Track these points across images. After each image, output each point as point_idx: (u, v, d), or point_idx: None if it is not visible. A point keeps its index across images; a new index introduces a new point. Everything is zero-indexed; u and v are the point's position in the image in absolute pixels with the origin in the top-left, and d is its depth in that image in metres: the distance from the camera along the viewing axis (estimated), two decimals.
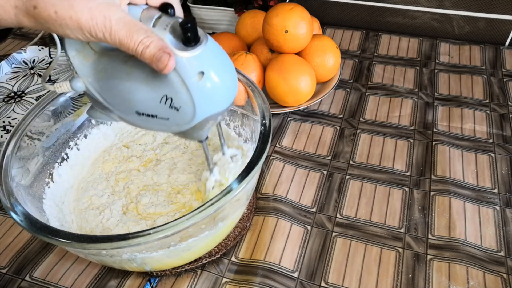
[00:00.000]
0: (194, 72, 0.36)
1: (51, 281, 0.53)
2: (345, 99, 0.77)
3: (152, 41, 0.34)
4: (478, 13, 0.86)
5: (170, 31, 0.36)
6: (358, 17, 0.95)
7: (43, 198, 0.53)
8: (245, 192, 0.48)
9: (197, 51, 0.36)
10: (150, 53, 0.34)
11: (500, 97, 0.76)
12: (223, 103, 0.40)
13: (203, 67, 0.37)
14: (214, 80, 0.37)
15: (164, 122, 0.40)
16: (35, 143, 0.54)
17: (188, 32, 0.35)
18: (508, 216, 0.58)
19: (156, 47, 0.34)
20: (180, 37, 0.36)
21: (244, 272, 0.53)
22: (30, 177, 0.53)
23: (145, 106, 0.39)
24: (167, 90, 0.37)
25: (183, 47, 0.36)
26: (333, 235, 0.57)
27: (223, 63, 0.39)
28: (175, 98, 0.38)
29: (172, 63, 0.35)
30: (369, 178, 0.63)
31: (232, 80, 0.40)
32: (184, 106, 0.38)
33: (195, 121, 0.39)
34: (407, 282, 0.51)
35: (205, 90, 0.37)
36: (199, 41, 0.36)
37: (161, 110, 0.39)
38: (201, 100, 0.38)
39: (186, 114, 0.39)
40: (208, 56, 0.37)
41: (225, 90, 0.39)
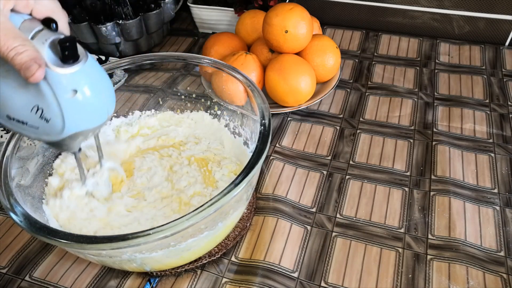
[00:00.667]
0: (67, 88, 0.37)
1: (51, 281, 0.53)
2: (345, 99, 0.77)
3: (27, 50, 0.35)
4: (478, 13, 0.86)
5: (50, 46, 0.36)
6: (358, 17, 0.95)
7: (42, 199, 0.53)
8: (245, 192, 0.48)
9: (73, 69, 0.37)
10: (20, 60, 0.34)
11: (500, 97, 0.76)
12: (94, 121, 0.41)
13: (76, 85, 0.38)
14: (86, 99, 0.39)
15: (34, 130, 0.40)
16: (35, 143, 0.54)
17: (66, 50, 0.36)
18: (508, 216, 0.57)
19: (29, 56, 0.35)
20: (59, 53, 0.36)
21: (244, 272, 0.53)
22: (30, 177, 0.53)
23: (16, 112, 0.40)
24: (39, 101, 0.38)
25: (61, 64, 0.36)
26: (333, 235, 0.57)
27: (98, 84, 0.40)
28: (46, 110, 0.38)
29: (39, 74, 0.35)
30: (369, 178, 0.63)
31: (106, 100, 0.41)
32: (54, 119, 0.39)
33: (64, 135, 0.40)
34: (407, 282, 0.51)
35: (75, 107, 0.39)
36: (77, 60, 0.37)
37: (31, 118, 0.39)
38: (71, 115, 0.39)
39: (55, 127, 0.39)
40: (83, 75, 0.38)
41: (96, 109, 0.40)
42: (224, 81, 0.62)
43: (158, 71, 0.69)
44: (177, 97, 0.67)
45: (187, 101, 0.67)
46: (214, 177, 0.58)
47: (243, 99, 0.57)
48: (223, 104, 0.64)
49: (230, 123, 0.63)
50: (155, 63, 0.62)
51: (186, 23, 1.01)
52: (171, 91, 0.68)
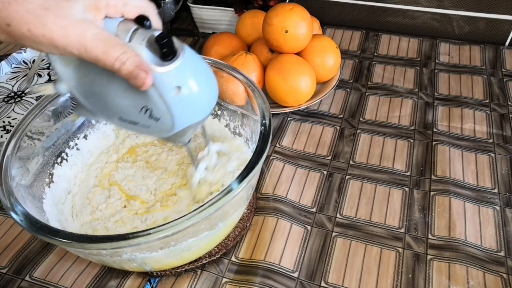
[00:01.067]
0: (170, 86, 0.37)
1: (51, 281, 0.53)
2: (345, 99, 0.77)
3: (129, 58, 0.34)
4: (478, 13, 0.86)
5: (147, 45, 0.36)
6: (358, 17, 0.95)
7: (43, 198, 0.53)
8: (245, 192, 0.48)
9: (173, 66, 0.36)
10: (127, 70, 0.34)
11: (500, 97, 0.76)
12: (201, 114, 0.41)
13: (179, 81, 0.37)
14: (190, 93, 0.38)
15: (146, 129, 0.41)
16: (35, 143, 0.54)
17: (164, 47, 0.35)
18: (508, 216, 0.58)
19: (133, 64, 0.34)
20: (157, 51, 0.36)
21: (244, 272, 0.53)
22: (30, 177, 0.53)
23: (127, 114, 0.40)
24: (146, 102, 0.38)
25: (160, 62, 0.36)
26: (333, 235, 0.57)
27: (200, 75, 0.39)
28: (154, 109, 0.39)
29: (149, 81, 0.35)
30: (369, 178, 0.63)
31: (210, 90, 0.41)
32: (163, 117, 0.39)
33: (175, 130, 0.40)
34: (407, 282, 0.51)
35: (182, 103, 0.38)
36: (175, 55, 0.36)
37: (141, 118, 0.40)
38: (179, 112, 0.39)
39: (165, 124, 0.40)
40: (184, 70, 0.37)
41: (202, 101, 0.40)
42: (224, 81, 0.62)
43: None
44: None
45: None
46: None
47: (244, 99, 0.57)
48: (223, 104, 0.64)
49: (231, 123, 0.63)
50: None
51: (186, 23, 1.01)
52: None
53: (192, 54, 0.38)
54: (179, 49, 0.37)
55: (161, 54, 0.36)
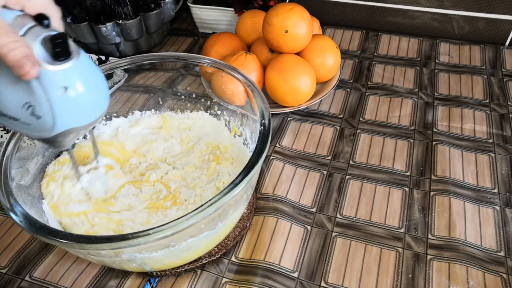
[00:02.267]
0: (57, 86, 0.37)
1: (51, 281, 0.53)
2: (345, 99, 0.77)
3: (19, 47, 0.34)
4: (478, 13, 0.86)
5: (42, 42, 0.36)
6: (358, 17, 0.95)
7: (42, 199, 0.53)
8: (244, 192, 0.48)
9: (64, 66, 0.36)
10: (14, 57, 0.34)
11: (500, 97, 0.76)
12: (86, 119, 0.41)
13: (66, 82, 0.37)
14: (77, 96, 0.38)
15: (26, 127, 0.40)
16: (34, 143, 0.54)
17: (58, 47, 0.36)
18: (508, 216, 0.57)
19: (21, 53, 0.34)
20: (50, 50, 0.36)
21: (244, 272, 0.53)
22: (30, 178, 0.53)
23: (7, 108, 0.40)
24: (30, 98, 0.38)
25: (52, 60, 0.36)
26: (333, 235, 0.57)
27: (90, 81, 0.40)
28: (37, 107, 0.38)
29: (33, 72, 0.35)
30: (369, 178, 0.63)
31: (98, 98, 0.41)
32: (45, 116, 0.39)
33: (55, 132, 0.40)
34: (407, 282, 0.51)
35: (66, 104, 0.38)
36: (69, 57, 0.37)
37: (23, 115, 0.39)
38: (62, 113, 0.39)
39: (46, 124, 0.39)
40: (74, 72, 0.38)
41: (88, 107, 0.40)
42: (224, 81, 0.62)
43: (158, 71, 0.69)
44: (177, 97, 0.67)
45: (187, 101, 0.67)
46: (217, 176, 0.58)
47: (243, 99, 0.57)
48: (223, 104, 0.64)
49: (230, 123, 0.63)
50: (155, 63, 0.62)
51: (186, 23, 1.01)
52: (171, 91, 0.68)
53: (87, 60, 0.39)
54: (74, 52, 0.37)
55: (54, 53, 0.36)
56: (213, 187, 0.56)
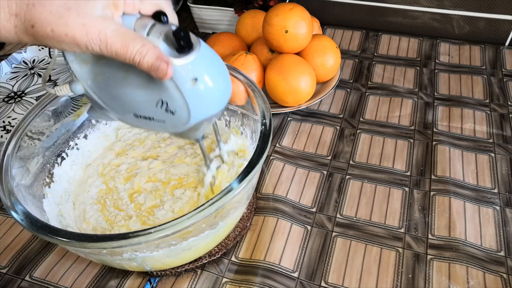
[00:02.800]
0: (187, 78, 0.37)
1: (51, 281, 0.53)
2: (345, 99, 0.77)
3: (149, 50, 0.35)
4: (478, 13, 0.86)
5: (164, 39, 0.37)
6: (358, 17, 0.95)
7: (43, 198, 0.53)
8: (245, 192, 0.48)
9: (190, 58, 0.37)
10: (148, 62, 0.35)
11: (500, 97, 0.76)
12: (217, 106, 0.41)
13: (196, 73, 0.38)
14: (207, 85, 0.39)
15: (161, 124, 0.41)
16: (35, 143, 0.54)
17: (181, 40, 0.36)
18: (508, 216, 0.58)
19: (153, 56, 0.35)
20: (174, 44, 0.37)
21: (244, 272, 0.53)
22: (31, 177, 0.53)
23: (142, 109, 0.41)
24: (162, 95, 0.39)
25: (177, 54, 0.37)
26: (333, 235, 0.57)
27: (216, 68, 0.40)
28: (170, 102, 0.39)
29: (170, 71, 0.36)
30: (369, 178, 0.63)
31: (225, 83, 0.41)
32: (179, 110, 0.39)
33: (190, 124, 0.40)
34: (407, 282, 0.51)
35: (198, 95, 0.39)
36: (192, 48, 0.37)
37: (157, 113, 0.40)
38: (195, 104, 0.39)
39: (181, 117, 0.40)
40: (201, 62, 0.38)
41: (218, 94, 0.40)
42: None
43: None
44: None
45: None
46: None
47: (244, 99, 0.57)
48: None
49: (231, 122, 0.63)
50: None
51: (186, 23, 1.01)
52: None
53: (207, 48, 0.39)
54: (195, 43, 0.37)
55: (178, 47, 0.36)
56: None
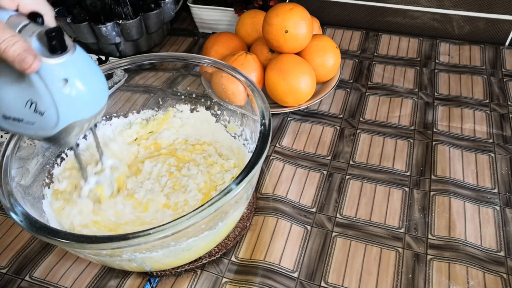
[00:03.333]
0: (57, 78, 0.38)
1: (51, 281, 0.53)
2: (345, 99, 0.77)
3: (18, 41, 0.35)
4: (478, 13, 0.86)
5: (37, 37, 0.37)
6: (358, 17, 0.95)
7: (42, 199, 0.53)
8: (245, 192, 0.48)
9: (62, 59, 0.37)
10: (14, 52, 0.35)
11: (500, 97, 0.76)
12: (88, 111, 0.41)
13: (67, 74, 0.38)
14: (78, 87, 0.39)
15: (30, 126, 0.40)
16: (35, 143, 0.54)
17: (53, 40, 0.36)
18: (508, 216, 0.58)
19: (21, 48, 0.35)
20: (46, 44, 0.37)
21: (244, 272, 0.53)
22: (30, 177, 0.53)
23: (11, 110, 0.40)
24: (32, 95, 0.38)
25: (49, 54, 0.37)
26: (333, 235, 0.57)
27: (89, 72, 0.40)
28: (39, 102, 0.39)
29: (36, 64, 0.36)
30: (369, 178, 0.63)
31: (99, 89, 0.41)
32: (48, 111, 0.39)
33: (60, 127, 0.40)
34: (407, 282, 0.51)
35: (68, 96, 0.39)
36: (65, 50, 0.37)
37: (26, 114, 0.40)
38: (65, 106, 0.39)
39: (50, 119, 0.39)
40: (73, 64, 0.38)
41: (89, 98, 0.40)
42: (224, 81, 0.62)
43: (158, 71, 0.69)
44: (177, 97, 0.67)
45: (187, 101, 0.67)
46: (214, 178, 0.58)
47: (243, 99, 0.57)
48: (223, 104, 0.64)
49: (230, 123, 0.63)
50: (155, 63, 0.62)
51: (186, 23, 1.01)
52: (171, 91, 0.68)
53: (82, 52, 0.40)
54: (70, 45, 0.38)
55: (50, 47, 0.37)
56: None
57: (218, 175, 0.59)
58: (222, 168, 0.60)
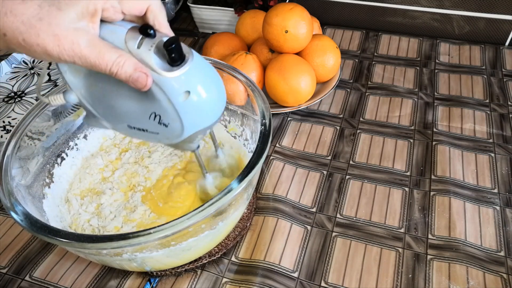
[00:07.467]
0: (180, 92, 0.37)
1: (51, 281, 0.53)
2: (345, 99, 0.77)
3: (126, 61, 0.35)
4: (478, 13, 0.86)
5: (155, 51, 0.36)
6: (358, 17, 0.95)
7: (43, 198, 0.53)
8: (245, 192, 0.48)
9: (182, 71, 0.36)
10: (126, 72, 0.35)
11: (500, 97, 0.76)
12: (211, 118, 0.41)
13: (188, 86, 0.37)
14: (200, 98, 0.38)
15: (155, 136, 0.41)
16: (35, 143, 0.54)
17: (173, 53, 0.35)
18: (508, 216, 0.58)
19: (131, 67, 0.35)
20: (165, 57, 0.36)
21: (244, 272, 0.53)
22: (30, 177, 0.53)
23: (135, 121, 0.40)
24: (155, 108, 0.38)
25: (169, 67, 0.36)
26: (333, 235, 0.57)
27: (209, 79, 0.39)
28: (163, 115, 0.38)
29: (150, 81, 0.36)
30: (369, 178, 0.63)
31: (218, 94, 0.40)
32: (172, 123, 0.39)
33: (184, 136, 0.40)
34: (407, 282, 0.51)
35: (191, 108, 0.38)
36: (184, 60, 0.36)
37: (150, 125, 0.40)
38: (189, 117, 0.38)
39: (175, 130, 0.39)
40: (193, 74, 0.37)
41: (211, 105, 0.40)
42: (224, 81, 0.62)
43: None
44: None
45: None
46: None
47: (244, 99, 0.57)
48: None
49: (230, 123, 0.63)
50: None
51: (186, 23, 1.01)
52: None
53: (200, 59, 0.38)
54: (188, 54, 0.37)
55: (170, 59, 0.36)
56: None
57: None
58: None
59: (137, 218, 0.54)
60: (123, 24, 0.37)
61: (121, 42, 0.36)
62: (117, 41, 0.36)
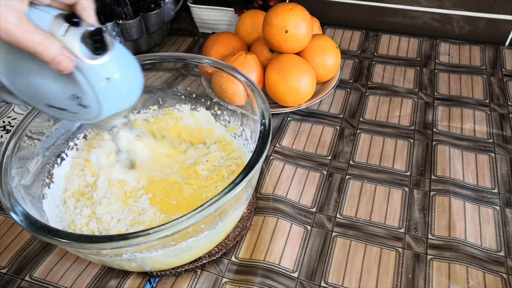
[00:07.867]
0: (101, 78, 0.40)
1: (51, 281, 0.53)
2: (345, 99, 0.77)
3: (53, 43, 0.36)
4: (478, 13, 0.86)
5: (81, 39, 0.39)
6: (358, 17, 0.95)
7: (42, 199, 0.53)
8: (245, 192, 0.48)
9: (104, 59, 0.39)
10: (50, 54, 0.36)
11: (500, 97, 0.76)
12: (127, 102, 0.45)
13: (109, 73, 0.40)
14: (119, 84, 0.42)
15: (74, 115, 0.44)
16: (35, 143, 0.54)
17: (96, 43, 0.39)
18: (508, 216, 0.58)
19: (57, 50, 0.37)
20: (89, 45, 0.39)
21: (244, 272, 0.53)
22: (30, 177, 0.53)
23: (56, 101, 0.43)
24: (76, 91, 0.41)
25: (92, 55, 0.39)
26: (333, 235, 0.57)
27: (127, 69, 0.43)
28: (84, 98, 0.41)
29: (71, 66, 0.38)
30: (369, 178, 0.63)
31: (136, 82, 0.45)
32: (92, 105, 0.42)
33: (101, 118, 0.44)
34: (407, 282, 0.51)
35: (110, 93, 0.42)
36: (106, 49, 0.40)
37: (70, 105, 0.42)
38: (107, 101, 0.42)
39: (93, 111, 0.43)
40: (114, 63, 0.40)
41: (129, 91, 0.44)
42: (224, 81, 0.62)
43: (158, 71, 0.69)
44: (177, 97, 0.67)
45: (187, 101, 0.67)
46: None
47: (243, 99, 0.57)
48: (223, 104, 0.64)
49: (230, 123, 0.63)
50: (155, 63, 0.62)
51: (186, 23, 1.01)
52: (171, 91, 0.68)
53: (121, 49, 0.42)
54: (110, 44, 0.40)
55: (93, 48, 0.39)
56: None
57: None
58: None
59: (147, 220, 0.54)
60: (49, 11, 0.39)
61: (47, 27, 0.38)
62: (43, 25, 0.37)
